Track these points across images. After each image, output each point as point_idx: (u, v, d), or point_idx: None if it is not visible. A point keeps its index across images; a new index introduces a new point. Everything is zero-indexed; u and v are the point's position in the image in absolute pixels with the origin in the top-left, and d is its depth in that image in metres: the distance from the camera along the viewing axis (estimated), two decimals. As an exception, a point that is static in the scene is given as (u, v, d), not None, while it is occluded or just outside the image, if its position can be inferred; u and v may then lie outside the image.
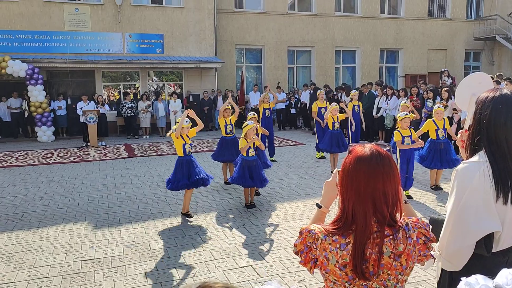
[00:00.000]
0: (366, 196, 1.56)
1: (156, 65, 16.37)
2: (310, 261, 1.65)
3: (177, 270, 4.47)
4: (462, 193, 1.88)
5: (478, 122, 1.94)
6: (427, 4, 21.26)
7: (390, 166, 1.60)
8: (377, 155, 1.60)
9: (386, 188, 1.58)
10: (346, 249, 1.55)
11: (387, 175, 1.58)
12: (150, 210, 6.59)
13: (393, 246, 1.55)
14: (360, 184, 1.57)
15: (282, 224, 5.85)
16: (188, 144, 6.26)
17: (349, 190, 1.60)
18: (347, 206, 1.60)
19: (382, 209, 1.57)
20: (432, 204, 6.56)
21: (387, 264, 1.55)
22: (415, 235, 1.60)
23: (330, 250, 1.57)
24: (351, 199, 1.59)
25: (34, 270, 4.52)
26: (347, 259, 1.55)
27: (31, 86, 14.17)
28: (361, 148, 1.64)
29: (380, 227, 1.56)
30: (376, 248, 1.54)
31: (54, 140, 14.66)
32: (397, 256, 1.55)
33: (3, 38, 14.93)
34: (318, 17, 19.51)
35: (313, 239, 1.63)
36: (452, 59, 21.95)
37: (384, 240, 1.54)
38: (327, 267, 1.59)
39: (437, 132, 7.33)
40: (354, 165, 1.61)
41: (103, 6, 15.94)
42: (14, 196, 7.50)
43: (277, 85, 17.58)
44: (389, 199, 1.58)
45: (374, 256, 1.53)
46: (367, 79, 18.82)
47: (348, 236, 1.57)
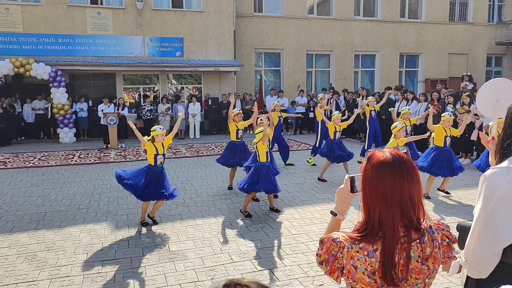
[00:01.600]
0: (393, 202, 1.54)
1: (175, 68, 16.54)
2: (337, 270, 1.60)
3: (196, 272, 4.49)
4: (489, 199, 1.85)
5: (509, 126, 1.91)
6: (448, 9, 21.00)
7: (413, 169, 1.58)
8: (399, 159, 1.58)
9: (412, 191, 1.56)
10: (375, 256, 1.53)
11: (411, 178, 1.56)
12: (169, 212, 6.64)
13: (420, 250, 1.54)
14: (386, 190, 1.55)
15: (301, 228, 5.83)
16: (160, 155, 5.94)
17: (374, 197, 1.57)
18: (373, 213, 1.57)
19: (409, 213, 1.55)
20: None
21: (415, 268, 1.54)
22: (439, 237, 1.60)
23: (358, 258, 1.55)
24: (377, 206, 1.56)
25: (56, 269, 4.60)
26: (376, 266, 1.53)
27: (54, 88, 14.46)
28: (382, 153, 1.61)
29: (407, 232, 1.54)
30: (404, 253, 1.52)
31: (75, 141, 14.94)
32: (424, 260, 1.54)
33: (28, 42, 15.29)
34: (337, 21, 19.44)
35: (338, 247, 1.59)
36: (473, 63, 21.60)
37: (411, 244, 1.53)
38: (355, 275, 1.56)
39: (445, 139, 7.26)
40: (378, 171, 1.58)
41: (125, 10, 16.20)
42: (37, 196, 7.66)
43: (299, 89, 17.56)
44: (415, 202, 1.56)
45: (402, 261, 1.52)
46: (386, 83, 18.67)
47: (376, 242, 1.54)
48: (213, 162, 9.84)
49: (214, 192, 7.89)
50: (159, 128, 6.01)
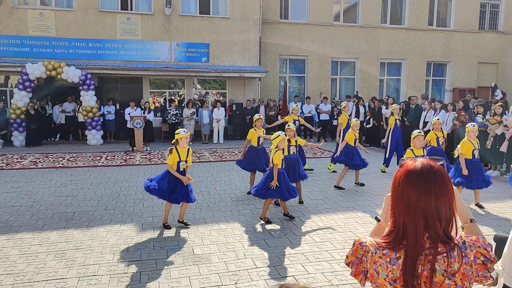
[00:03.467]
0: (417, 211, 1.54)
1: (201, 74, 16.75)
2: (361, 273, 1.65)
3: (220, 276, 4.53)
4: None
5: None
6: (478, 17, 20.60)
7: (443, 180, 1.57)
8: (429, 169, 1.58)
9: (439, 203, 1.54)
10: (397, 263, 1.53)
11: (439, 190, 1.55)
12: (193, 216, 6.71)
13: (446, 264, 1.51)
14: (411, 199, 1.56)
15: (324, 236, 5.80)
16: (183, 161, 5.95)
17: (400, 204, 1.59)
18: (398, 220, 1.59)
19: (435, 225, 1.53)
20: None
21: (440, 282, 1.51)
22: (472, 254, 1.55)
23: (380, 263, 1.56)
24: (402, 213, 1.57)
25: (84, 268, 4.72)
26: (398, 273, 1.53)
27: (84, 91, 14.85)
28: (413, 162, 1.62)
29: (433, 244, 1.52)
30: (428, 265, 1.51)
31: (102, 143, 15.27)
32: (450, 275, 1.51)
33: (60, 46, 15.76)
34: (363, 28, 19.33)
35: (364, 251, 1.63)
36: (503, 73, 21.09)
37: (436, 257, 1.51)
38: (377, 280, 1.59)
39: (473, 152, 7.14)
40: (405, 179, 1.59)
41: (153, 16, 16.53)
42: (65, 196, 7.86)
43: (322, 96, 17.51)
44: (442, 215, 1.54)
45: (426, 273, 1.51)
46: (412, 92, 18.42)
47: (399, 250, 1.55)
48: (236, 167, 9.88)
49: (238, 197, 7.94)
50: (183, 131, 6.06)
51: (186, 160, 6.07)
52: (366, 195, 8.08)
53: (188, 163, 6.13)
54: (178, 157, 5.96)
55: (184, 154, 6.03)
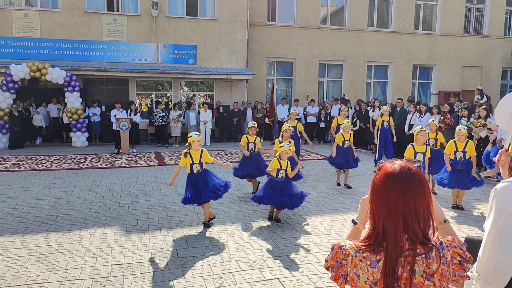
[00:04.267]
0: (396, 213, 1.55)
1: (188, 76, 16.69)
2: (341, 277, 1.64)
3: (204, 279, 4.49)
4: (501, 213, 1.84)
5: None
6: (463, 21, 20.90)
7: (421, 183, 1.59)
8: (407, 171, 1.59)
9: (418, 205, 1.56)
10: (377, 266, 1.53)
11: (418, 191, 1.57)
12: (179, 218, 6.66)
13: (425, 265, 1.52)
14: (390, 201, 1.56)
15: (310, 239, 5.80)
16: (196, 163, 6.09)
17: (379, 207, 1.59)
18: (378, 223, 1.59)
19: (414, 226, 1.55)
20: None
21: (419, 283, 1.52)
22: (449, 254, 1.57)
23: (361, 266, 1.56)
24: (382, 216, 1.58)
25: (66, 272, 4.64)
26: (378, 276, 1.53)
27: (68, 93, 14.67)
28: (391, 165, 1.63)
29: (412, 245, 1.53)
30: (408, 266, 1.51)
31: (87, 145, 15.09)
32: (429, 276, 1.52)
33: (45, 47, 15.57)
34: (350, 31, 19.47)
35: (343, 255, 1.62)
36: (487, 76, 21.42)
37: (416, 258, 1.52)
38: (357, 284, 1.58)
39: (455, 153, 7.23)
40: (384, 181, 1.60)
41: (140, 17, 16.43)
42: (48, 199, 7.74)
43: (309, 99, 17.57)
44: (421, 216, 1.56)
45: (405, 274, 1.51)
46: (398, 94, 18.59)
47: (379, 253, 1.55)
48: (223, 170, 9.87)
49: (224, 199, 7.87)
50: (195, 134, 6.19)
51: (201, 163, 6.15)
52: (352, 197, 8.11)
53: (209, 161, 6.25)
54: (191, 159, 6.08)
55: (197, 157, 6.13)
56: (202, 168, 6.20)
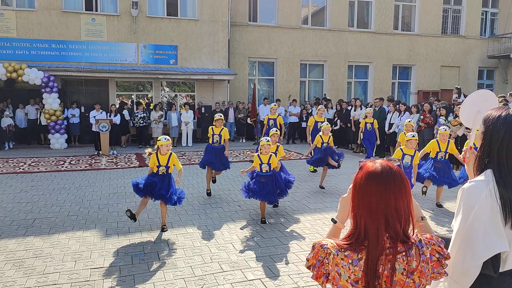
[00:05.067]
0: (378, 212, 1.56)
1: (169, 76, 16.55)
2: (322, 276, 1.64)
3: (185, 281, 4.45)
4: (468, 212, 1.86)
5: (489, 144, 1.92)
6: (440, 22, 21.26)
7: (402, 181, 1.60)
8: (388, 170, 1.60)
9: (398, 203, 1.57)
10: (359, 264, 1.54)
11: (399, 190, 1.58)
12: (160, 220, 6.58)
13: (405, 263, 1.54)
14: (372, 200, 1.57)
15: (291, 238, 5.81)
16: (163, 166, 6.03)
17: (361, 206, 1.60)
18: (359, 222, 1.60)
19: (395, 225, 1.56)
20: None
21: (400, 281, 1.53)
22: (428, 252, 1.59)
23: (342, 265, 1.56)
24: (363, 215, 1.59)
25: (44, 277, 4.54)
26: (359, 275, 1.54)
27: (46, 94, 14.39)
28: (372, 164, 1.64)
29: (393, 244, 1.55)
30: (389, 264, 1.53)
31: (66, 147, 14.82)
32: (409, 273, 1.54)
33: (21, 47, 15.24)
34: (331, 32, 19.61)
35: (325, 253, 1.62)
36: (465, 76, 21.85)
37: (396, 256, 1.53)
38: (339, 282, 1.58)
39: (437, 154, 7.35)
40: (366, 181, 1.61)
41: (119, 17, 16.22)
42: (26, 202, 7.57)
43: (291, 99, 17.64)
44: (402, 214, 1.57)
45: (386, 272, 1.52)
46: (379, 94, 18.80)
47: (361, 251, 1.56)
48: (205, 171, 9.79)
49: (205, 200, 7.86)
50: (164, 139, 6.12)
51: (168, 166, 6.09)
52: (333, 196, 8.16)
53: (178, 167, 6.19)
54: (157, 161, 6.03)
55: (165, 160, 6.08)
56: (167, 171, 6.14)
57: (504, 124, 1.89)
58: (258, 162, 6.48)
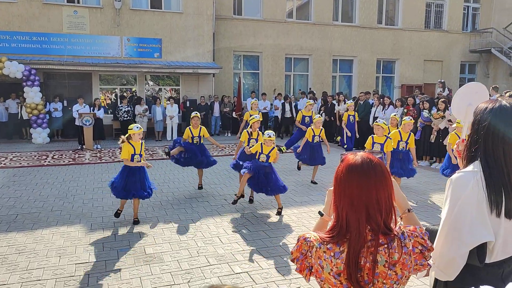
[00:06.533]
0: (359, 204, 1.57)
1: (153, 70, 16.38)
2: (306, 269, 1.65)
3: (172, 275, 4.44)
4: (455, 202, 1.89)
5: (476, 133, 1.95)
6: (423, 16, 21.48)
7: (383, 173, 1.61)
8: (369, 162, 1.61)
9: (379, 195, 1.58)
10: (341, 257, 1.55)
11: (380, 182, 1.59)
12: (145, 215, 6.56)
13: (387, 255, 1.54)
14: (353, 192, 1.58)
15: (278, 231, 5.84)
16: (137, 155, 5.98)
17: (342, 198, 1.61)
18: (341, 215, 1.60)
19: (376, 217, 1.57)
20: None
21: (382, 273, 1.54)
22: (410, 244, 1.59)
23: (325, 258, 1.57)
24: (345, 207, 1.59)
25: (28, 273, 4.48)
26: (341, 267, 1.54)
27: (28, 87, 14.11)
28: (353, 156, 1.65)
29: (374, 236, 1.55)
30: (371, 257, 1.54)
31: (49, 142, 14.59)
32: (391, 265, 1.54)
33: (1, 39, 14.88)
34: (316, 25, 19.63)
35: (308, 246, 1.63)
36: (448, 70, 22.14)
37: (378, 249, 1.54)
38: (321, 275, 1.59)
39: (398, 143, 7.48)
40: (346, 173, 1.62)
41: (102, 9, 15.96)
42: (8, 198, 7.44)
43: (276, 92, 17.67)
44: (383, 206, 1.58)
45: (368, 265, 1.53)
46: (363, 88, 18.94)
47: (343, 244, 1.57)
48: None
49: (191, 194, 7.84)
50: (136, 128, 6.02)
51: (141, 155, 6.06)
52: (319, 189, 8.21)
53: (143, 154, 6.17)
54: (132, 149, 5.94)
55: (139, 148, 6.03)
56: (141, 160, 6.09)
57: (490, 113, 1.92)
58: (259, 151, 6.51)
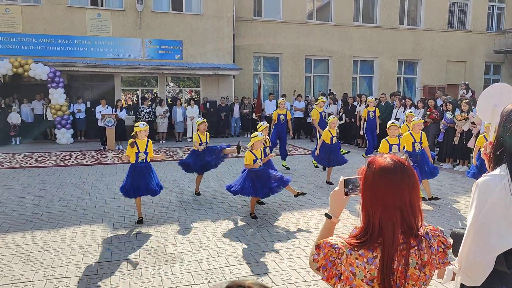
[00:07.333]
0: (394, 208, 1.53)
1: (174, 71, 16.56)
2: (334, 277, 1.58)
3: (192, 275, 4.47)
4: (481, 206, 1.85)
5: (502, 135, 1.91)
6: (447, 16, 21.11)
7: (414, 175, 1.58)
8: (400, 164, 1.58)
9: (413, 198, 1.55)
10: (374, 263, 1.52)
11: (412, 185, 1.56)
12: (166, 215, 6.63)
13: (418, 257, 1.53)
14: (387, 196, 1.54)
15: (298, 233, 5.82)
16: (142, 152, 6.08)
17: (375, 202, 1.56)
18: (373, 220, 1.56)
19: (410, 220, 1.54)
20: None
21: (413, 275, 1.53)
22: (435, 243, 1.59)
23: (357, 264, 1.53)
24: (377, 212, 1.55)
25: (52, 270, 4.58)
26: (375, 273, 1.51)
27: (52, 89, 14.44)
28: (383, 159, 1.60)
29: (406, 239, 1.53)
30: (403, 260, 1.52)
31: (72, 142, 14.89)
32: (422, 267, 1.54)
33: (27, 42, 15.28)
34: (336, 27, 19.51)
35: (337, 253, 1.57)
36: (471, 71, 21.70)
37: (410, 251, 1.53)
38: (353, 282, 1.55)
39: (413, 145, 7.25)
40: (378, 177, 1.57)
41: (125, 12, 16.22)
42: (33, 197, 7.62)
43: (295, 94, 17.62)
44: (416, 209, 1.56)
45: (401, 268, 1.51)
46: (384, 89, 18.74)
47: (375, 249, 1.53)
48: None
49: (211, 195, 7.88)
50: (142, 125, 6.21)
51: (146, 152, 6.16)
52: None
53: (150, 154, 6.25)
54: (136, 148, 6.10)
55: (143, 146, 6.16)
56: (146, 158, 6.18)
57: None
58: (253, 158, 6.38)
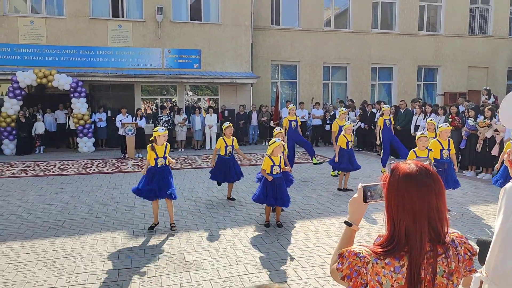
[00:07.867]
0: (421, 215, 1.50)
1: (193, 80, 16.74)
2: (360, 286, 1.54)
3: (211, 283, 4.49)
4: (509, 213, 1.81)
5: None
6: (467, 21, 20.81)
7: (439, 181, 1.55)
8: (426, 171, 1.55)
9: (439, 204, 1.52)
10: (401, 272, 1.48)
11: (438, 191, 1.53)
12: (185, 222, 6.67)
13: (445, 265, 1.50)
14: (414, 203, 1.51)
15: (317, 241, 5.79)
16: (161, 158, 6.17)
17: (401, 210, 1.52)
18: (398, 227, 1.52)
19: (437, 227, 1.51)
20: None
21: (440, 283, 1.50)
22: (462, 251, 1.56)
23: (384, 274, 1.49)
24: (404, 219, 1.51)
25: (74, 277, 4.66)
26: (402, 282, 1.48)
27: (75, 98, 14.76)
28: (407, 166, 1.57)
29: (433, 246, 1.50)
30: (430, 268, 1.49)
31: (94, 151, 15.16)
32: (449, 275, 1.50)
33: (51, 53, 15.69)
34: (354, 34, 19.45)
35: (362, 262, 1.53)
36: (493, 77, 21.29)
37: (437, 259, 1.49)
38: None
39: (441, 152, 7.08)
40: (404, 183, 1.53)
41: (145, 22, 16.52)
42: (56, 204, 7.78)
43: (313, 101, 17.60)
44: (443, 216, 1.53)
45: (428, 277, 1.48)
46: (403, 96, 18.53)
47: (402, 258, 1.49)
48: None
49: (230, 203, 7.90)
50: (161, 129, 6.27)
51: (165, 157, 6.24)
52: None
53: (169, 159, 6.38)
54: (155, 154, 6.17)
55: (161, 151, 6.22)
56: (165, 162, 6.26)
57: None
58: (271, 164, 6.37)
